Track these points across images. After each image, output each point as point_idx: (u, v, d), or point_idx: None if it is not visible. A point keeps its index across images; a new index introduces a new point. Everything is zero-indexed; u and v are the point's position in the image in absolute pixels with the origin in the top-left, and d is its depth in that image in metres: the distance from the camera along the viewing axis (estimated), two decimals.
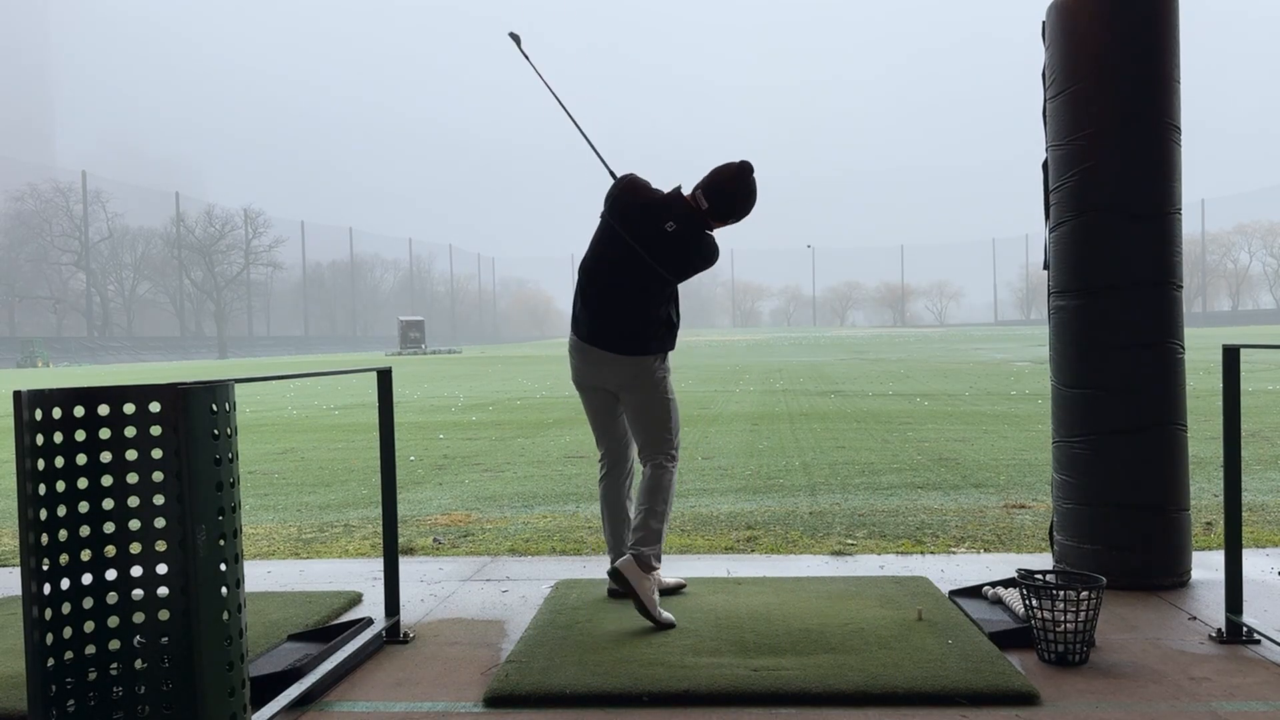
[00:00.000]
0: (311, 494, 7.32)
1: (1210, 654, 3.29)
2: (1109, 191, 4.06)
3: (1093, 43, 4.08)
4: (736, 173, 3.80)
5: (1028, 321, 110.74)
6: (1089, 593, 3.20)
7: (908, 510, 6.00)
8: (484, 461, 8.89)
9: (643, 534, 3.69)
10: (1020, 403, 13.61)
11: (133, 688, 2.20)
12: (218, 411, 2.27)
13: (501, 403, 16.18)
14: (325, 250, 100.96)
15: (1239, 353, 3.41)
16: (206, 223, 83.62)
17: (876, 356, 33.09)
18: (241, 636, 2.32)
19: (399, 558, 3.84)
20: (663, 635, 3.48)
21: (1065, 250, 4.20)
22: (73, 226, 74.71)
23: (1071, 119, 4.13)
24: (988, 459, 8.17)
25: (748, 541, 5.20)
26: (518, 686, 3.01)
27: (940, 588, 4.06)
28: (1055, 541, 4.31)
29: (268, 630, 3.61)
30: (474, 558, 4.99)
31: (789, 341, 59.53)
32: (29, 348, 53.31)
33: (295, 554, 5.19)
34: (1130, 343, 4.04)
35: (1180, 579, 4.09)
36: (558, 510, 6.33)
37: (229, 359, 65.13)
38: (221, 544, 2.25)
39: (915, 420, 11.57)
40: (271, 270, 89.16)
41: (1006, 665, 3.09)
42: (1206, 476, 6.80)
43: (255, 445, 10.57)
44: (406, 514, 6.23)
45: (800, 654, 3.23)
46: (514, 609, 4.00)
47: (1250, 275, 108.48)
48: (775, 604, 3.83)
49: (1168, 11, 4.08)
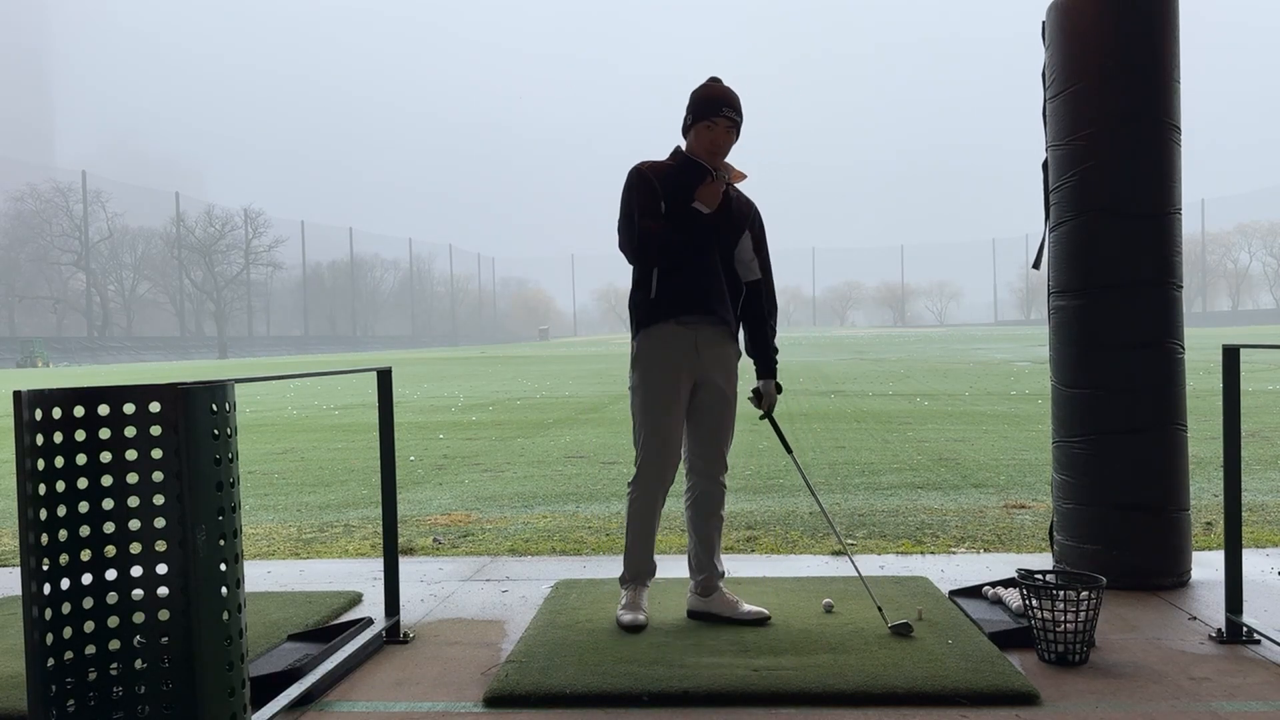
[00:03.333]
0: (311, 494, 7.32)
1: (1210, 654, 3.29)
2: (1109, 191, 4.06)
3: (1093, 43, 4.08)
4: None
5: (1028, 321, 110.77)
6: (1089, 593, 3.20)
7: (908, 510, 6.00)
8: (484, 461, 8.89)
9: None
10: (1020, 403, 13.61)
11: (133, 688, 2.20)
12: (218, 411, 2.27)
13: (501, 403, 16.17)
14: (325, 250, 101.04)
15: (1239, 353, 3.40)
16: (206, 223, 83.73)
17: (876, 356, 33.09)
18: (241, 636, 2.32)
19: (399, 558, 3.85)
20: (662, 635, 3.48)
21: (1065, 250, 4.20)
22: (73, 226, 74.76)
23: (1071, 119, 4.13)
24: (988, 459, 8.17)
25: (748, 541, 5.20)
26: (518, 686, 3.01)
27: (940, 588, 4.06)
28: (1055, 541, 4.31)
29: (268, 630, 3.61)
30: (474, 558, 4.99)
31: (789, 341, 59.49)
32: (29, 348, 53.33)
33: (295, 554, 5.19)
34: (1130, 343, 4.04)
35: (1180, 579, 4.09)
36: (558, 510, 6.33)
37: (229, 359, 65.11)
38: (221, 544, 2.25)
39: (915, 420, 11.57)
40: (271, 270, 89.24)
41: (1006, 665, 3.09)
42: (1206, 476, 6.80)
43: (255, 445, 10.57)
44: (406, 514, 6.23)
45: (800, 654, 3.23)
46: (514, 609, 4.00)
47: (1250, 275, 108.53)
48: (775, 604, 3.83)
49: (1168, 11, 4.08)
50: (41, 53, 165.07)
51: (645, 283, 3.63)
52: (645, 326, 3.62)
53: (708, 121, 3.58)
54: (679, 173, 3.63)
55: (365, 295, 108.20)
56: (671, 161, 3.69)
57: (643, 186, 3.59)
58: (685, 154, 3.69)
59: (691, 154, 3.67)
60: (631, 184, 3.62)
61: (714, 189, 3.57)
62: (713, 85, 3.66)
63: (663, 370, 3.59)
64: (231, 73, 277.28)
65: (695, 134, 3.63)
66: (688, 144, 3.69)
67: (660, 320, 3.59)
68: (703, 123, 3.59)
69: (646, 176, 3.61)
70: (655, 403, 3.60)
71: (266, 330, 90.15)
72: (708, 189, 3.57)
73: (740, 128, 3.65)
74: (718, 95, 3.61)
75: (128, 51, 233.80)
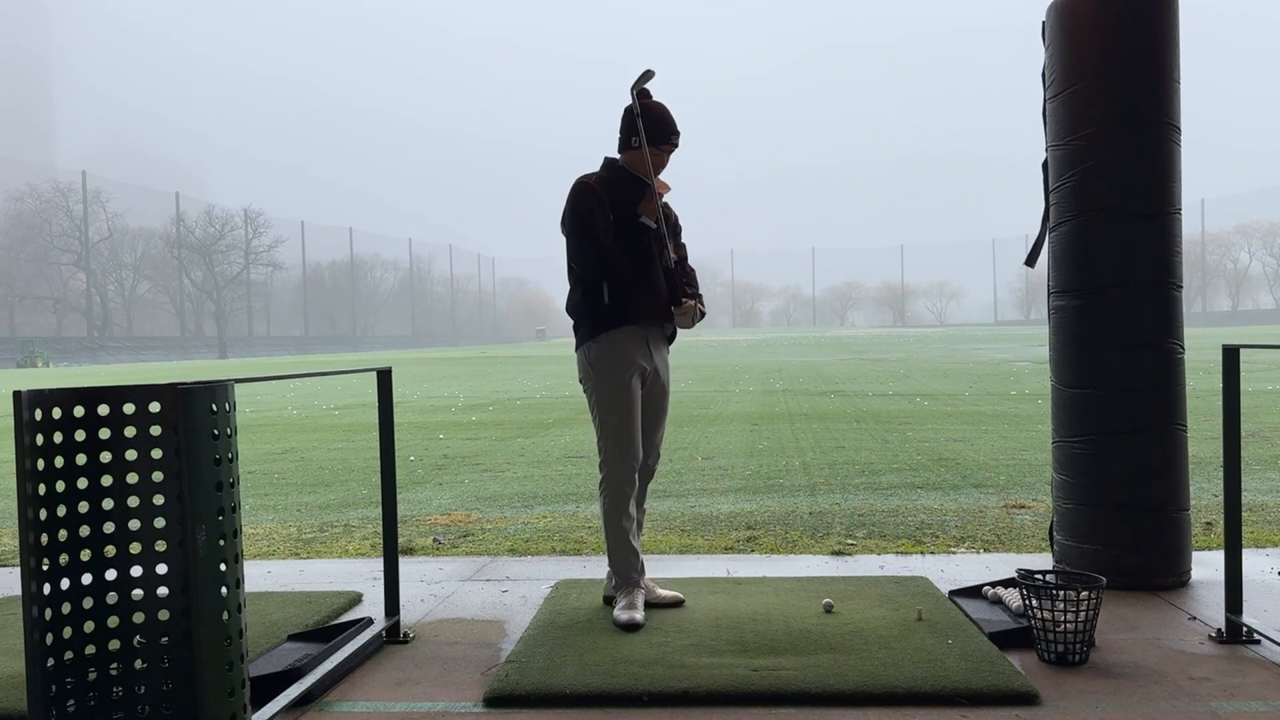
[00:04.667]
0: (311, 494, 7.32)
1: (1210, 654, 3.29)
2: (1109, 191, 4.06)
3: (1093, 43, 4.08)
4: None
5: (1028, 321, 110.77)
6: (1089, 593, 3.20)
7: (907, 510, 6.01)
8: (484, 461, 8.89)
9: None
10: (1020, 403, 13.61)
11: (133, 688, 2.20)
12: (218, 411, 2.27)
13: (501, 403, 16.18)
14: (325, 250, 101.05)
15: (1239, 353, 3.41)
16: (206, 223, 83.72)
17: (876, 356, 33.10)
18: (241, 636, 2.32)
19: (399, 558, 3.85)
20: (662, 635, 3.48)
21: (1065, 250, 4.20)
22: (73, 226, 74.76)
23: (1071, 119, 4.13)
24: (988, 459, 8.17)
25: (748, 541, 5.20)
26: (518, 686, 3.01)
27: (940, 588, 4.06)
28: (1055, 541, 4.31)
29: (268, 630, 3.61)
30: (474, 558, 4.99)
31: (789, 341, 59.54)
32: (29, 348, 53.32)
33: (295, 554, 5.19)
34: (1130, 343, 4.04)
35: (1180, 579, 4.09)
36: (558, 510, 6.33)
37: (229, 359, 65.13)
38: (221, 544, 2.25)
39: (915, 420, 11.57)
40: (271, 270, 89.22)
41: (1006, 665, 3.09)
42: (1206, 476, 6.80)
43: (255, 445, 10.57)
44: (406, 514, 6.23)
45: (800, 654, 3.23)
46: (514, 609, 4.00)
47: (1250, 275, 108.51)
48: (775, 604, 3.83)
49: (1168, 11, 4.08)
50: (41, 52, 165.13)
51: (596, 291, 3.75)
52: (602, 331, 3.76)
53: (661, 147, 3.78)
54: (618, 186, 3.80)
55: (365, 295, 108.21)
56: (608, 174, 3.85)
57: (595, 201, 3.73)
58: (621, 167, 3.84)
59: (630, 168, 3.83)
60: (584, 199, 3.74)
61: (654, 204, 3.79)
62: (660, 110, 3.81)
63: (622, 372, 3.75)
64: (232, 73, 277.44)
65: (640, 154, 3.77)
66: (626, 158, 3.85)
67: (616, 325, 3.74)
68: (654, 147, 3.77)
69: (596, 192, 3.76)
70: (620, 404, 3.75)
71: (266, 330, 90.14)
72: (649, 204, 3.78)
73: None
74: (669, 123, 3.79)
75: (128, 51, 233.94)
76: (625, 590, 3.74)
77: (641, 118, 3.74)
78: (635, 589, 3.74)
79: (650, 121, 3.76)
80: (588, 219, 3.71)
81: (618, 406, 3.74)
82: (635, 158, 3.80)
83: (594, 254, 3.71)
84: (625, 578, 3.75)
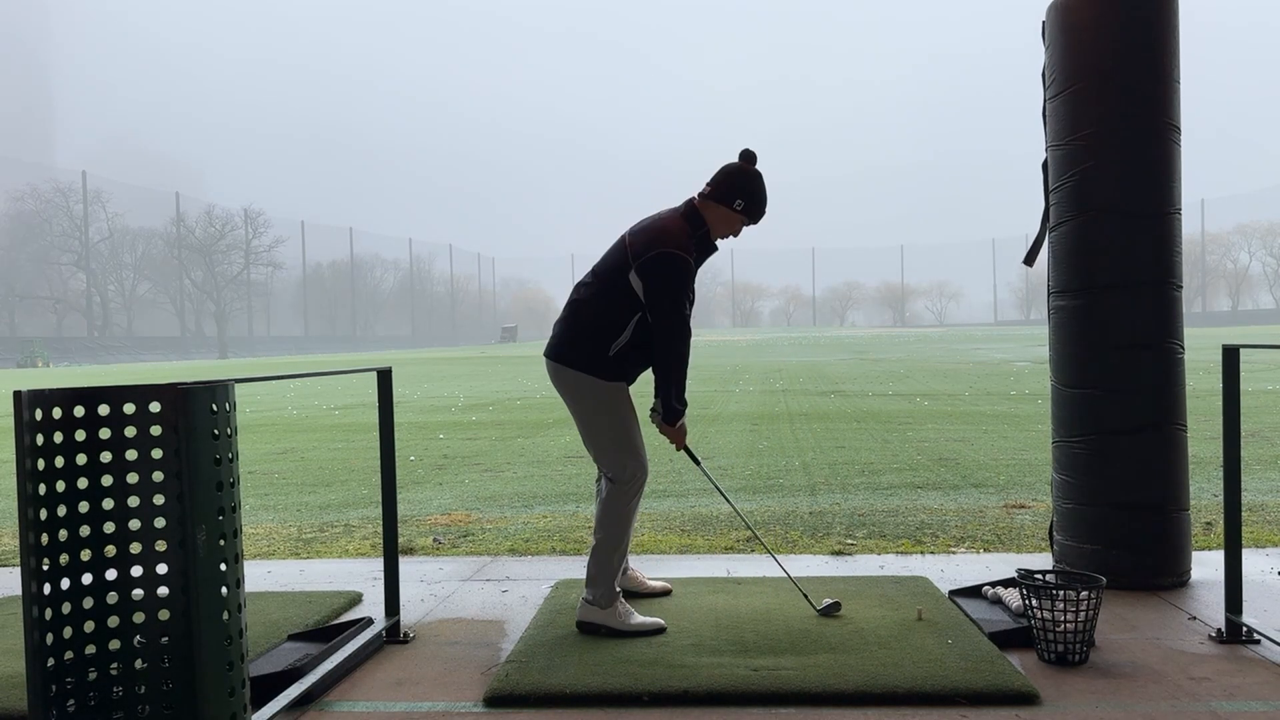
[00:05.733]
0: (311, 494, 7.32)
1: (1210, 654, 3.29)
2: (1109, 191, 4.06)
3: (1093, 43, 4.08)
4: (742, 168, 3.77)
5: (1028, 321, 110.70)
6: (1089, 593, 3.20)
7: (907, 510, 6.01)
8: (484, 461, 8.89)
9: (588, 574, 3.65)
10: (1020, 403, 13.61)
11: (133, 688, 2.20)
12: (218, 411, 2.27)
13: (501, 403, 16.18)
14: (325, 250, 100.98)
15: (1239, 353, 3.41)
16: (206, 223, 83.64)
17: (876, 356, 33.09)
18: (241, 636, 2.32)
19: (399, 558, 3.85)
20: (662, 635, 3.48)
21: (1065, 250, 4.20)
22: (73, 226, 74.72)
23: (1071, 119, 4.13)
24: (988, 459, 8.17)
25: (748, 541, 5.20)
26: (518, 686, 3.01)
27: (940, 588, 4.06)
28: (1055, 541, 4.31)
29: (268, 630, 3.61)
30: (474, 558, 4.99)
31: (789, 341, 59.49)
32: (29, 348, 53.30)
33: (295, 554, 5.19)
34: (1130, 343, 4.04)
35: (1180, 579, 4.09)
36: (558, 510, 6.33)
37: (229, 359, 65.12)
38: (221, 544, 2.25)
39: (915, 420, 11.57)
40: (271, 270, 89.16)
41: (1006, 665, 3.09)
42: (1206, 476, 6.80)
43: (255, 445, 10.57)
44: (406, 514, 6.23)
45: (800, 654, 3.24)
46: (514, 609, 4.00)
47: (1250, 275, 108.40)
48: (775, 604, 3.83)
49: (1167, 12, 4.08)
50: (42, 52, 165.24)
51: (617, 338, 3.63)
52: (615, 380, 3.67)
53: (752, 223, 3.77)
54: (695, 244, 3.70)
55: (365, 295, 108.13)
56: (692, 231, 3.69)
57: (690, 278, 3.64)
58: (700, 220, 3.71)
59: (708, 222, 3.73)
60: (684, 274, 3.60)
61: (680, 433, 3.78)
62: (764, 189, 3.77)
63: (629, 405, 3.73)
64: (231, 73, 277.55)
65: (732, 220, 3.72)
66: (715, 219, 3.72)
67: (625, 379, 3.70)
68: (746, 220, 3.74)
69: (692, 267, 3.65)
70: (634, 424, 3.71)
71: (266, 330, 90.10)
72: (677, 433, 3.76)
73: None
74: (765, 201, 3.77)
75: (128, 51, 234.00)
76: (608, 601, 3.56)
77: (755, 191, 3.72)
78: (618, 599, 3.61)
79: (756, 196, 3.73)
80: (681, 295, 3.59)
81: (632, 426, 3.70)
82: (725, 215, 3.71)
83: (682, 334, 3.59)
84: (609, 591, 3.57)
